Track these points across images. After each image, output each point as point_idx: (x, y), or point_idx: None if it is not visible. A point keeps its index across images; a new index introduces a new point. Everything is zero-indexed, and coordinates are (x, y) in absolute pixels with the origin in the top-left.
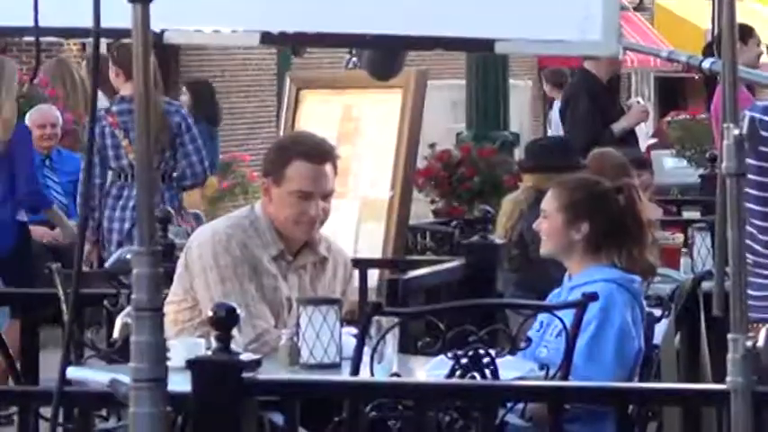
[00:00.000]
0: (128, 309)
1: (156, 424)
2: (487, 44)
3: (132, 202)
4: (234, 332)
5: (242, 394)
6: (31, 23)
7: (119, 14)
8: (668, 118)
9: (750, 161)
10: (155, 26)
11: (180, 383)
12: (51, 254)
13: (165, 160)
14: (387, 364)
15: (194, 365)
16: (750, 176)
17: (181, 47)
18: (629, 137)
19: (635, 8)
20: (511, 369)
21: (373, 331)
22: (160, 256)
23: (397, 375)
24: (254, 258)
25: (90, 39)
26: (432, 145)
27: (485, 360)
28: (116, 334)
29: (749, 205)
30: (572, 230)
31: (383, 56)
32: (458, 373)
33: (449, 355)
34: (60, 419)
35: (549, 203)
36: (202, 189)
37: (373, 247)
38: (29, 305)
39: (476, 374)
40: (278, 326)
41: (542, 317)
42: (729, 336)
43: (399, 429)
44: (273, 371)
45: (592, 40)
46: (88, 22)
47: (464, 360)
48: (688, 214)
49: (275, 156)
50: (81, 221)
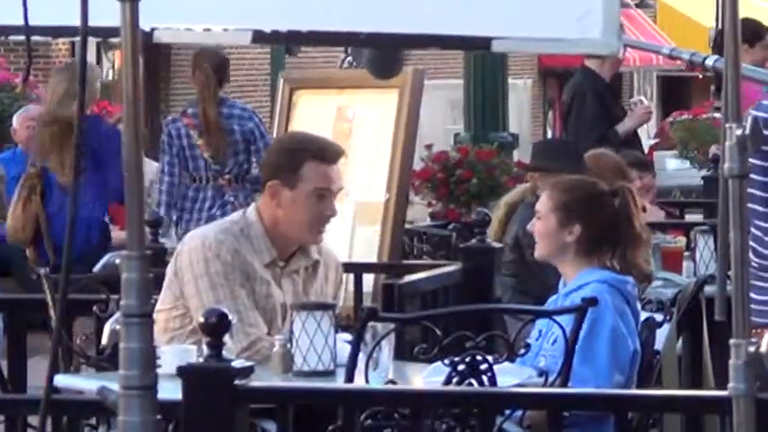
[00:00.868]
0: (116, 315)
1: None
2: (484, 42)
3: (208, 203)
4: (226, 339)
5: (234, 402)
6: (20, 22)
7: (107, 13)
8: (671, 118)
9: (754, 161)
10: (144, 25)
11: (170, 391)
12: None
13: (240, 163)
14: (382, 371)
15: (185, 372)
16: (754, 177)
17: (171, 46)
18: (632, 137)
19: (637, 5)
20: (509, 376)
21: (368, 337)
22: (150, 261)
23: (393, 382)
24: (245, 265)
25: (78, 38)
26: (428, 146)
27: (482, 367)
28: (105, 341)
29: (753, 206)
30: (564, 232)
31: (383, 54)
32: (455, 380)
33: (446, 362)
34: (49, 428)
35: (543, 204)
36: None
37: (369, 251)
38: (16, 311)
39: (473, 381)
40: (271, 333)
41: (541, 325)
42: (732, 341)
43: None
44: (266, 378)
45: (592, 39)
46: (76, 21)
47: (461, 367)
48: (690, 217)
49: (286, 159)
50: (69, 224)
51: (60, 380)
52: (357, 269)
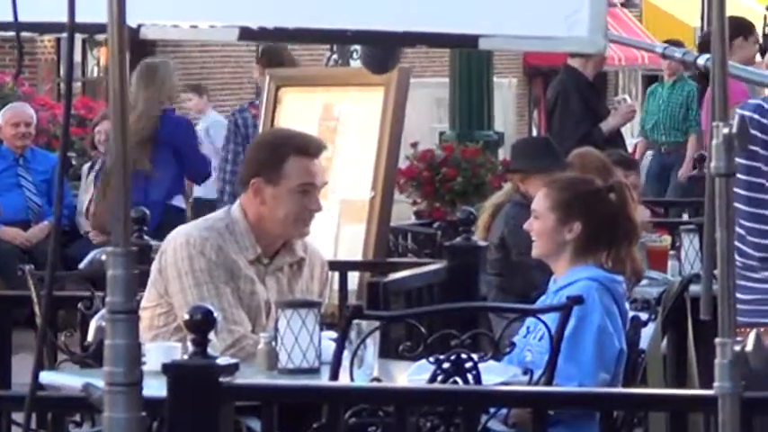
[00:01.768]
0: (102, 311)
1: (131, 429)
2: (471, 40)
3: None
4: (211, 336)
5: (219, 399)
6: (8, 19)
7: (94, 9)
8: None
9: (740, 160)
10: (131, 21)
11: (155, 388)
12: (25, 255)
13: None
14: (367, 369)
15: (170, 370)
16: (740, 176)
17: (157, 43)
18: (616, 136)
19: (623, 4)
20: (494, 374)
21: (353, 335)
22: (135, 258)
23: (378, 380)
24: (230, 262)
25: (65, 34)
26: (414, 144)
27: (467, 365)
28: (90, 337)
29: (738, 206)
30: (564, 230)
31: (381, 49)
32: (439, 378)
33: (430, 360)
34: (33, 425)
35: (541, 203)
36: None
37: (354, 249)
38: (1, 308)
39: (458, 379)
40: (256, 331)
41: (529, 322)
42: (717, 340)
43: None
44: (251, 375)
45: (578, 37)
46: (63, 17)
47: (446, 365)
48: (676, 216)
49: (268, 155)
50: (55, 221)
51: (45, 376)
52: (342, 267)
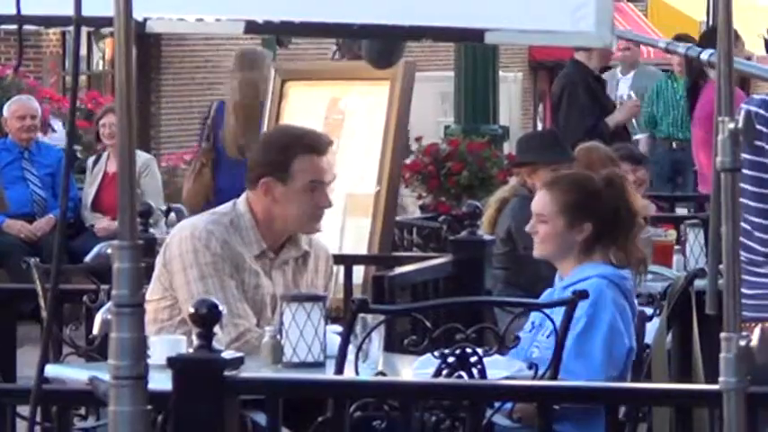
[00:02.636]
0: (107, 305)
1: (137, 422)
2: (477, 34)
3: None
4: (216, 330)
5: (224, 393)
6: (12, 11)
7: (100, 2)
8: None
9: (745, 156)
10: (137, 15)
11: (161, 381)
12: (30, 248)
13: None
14: (372, 363)
15: (175, 363)
16: (745, 172)
17: (163, 36)
18: (621, 130)
19: None
20: (499, 368)
21: (358, 329)
22: (141, 251)
23: (383, 374)
24: (235, 255)
25: (71, 27)
26: (419, 138)
27: (472, 359)
28: (95, 330)
29: (744, 201)
30: (573, 232)
31: (383, 43)
32: (444, 373)
33: (435, 354)
34: (38, 418)
35: (548, 207)
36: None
37: (359, 243)
38: (6, 301)
39: (463, 374)
40: (261, 324)
41: (534, 317)
42: (722, 335)
43: (384, 429)
44: (255, 369)
45: (584, 31)
46: (69, 11)
47: (451, 359)
48: (681, 211)
49: (276, 154)
50: (61, 214)
51: (50, 370)
52: (347, 261)
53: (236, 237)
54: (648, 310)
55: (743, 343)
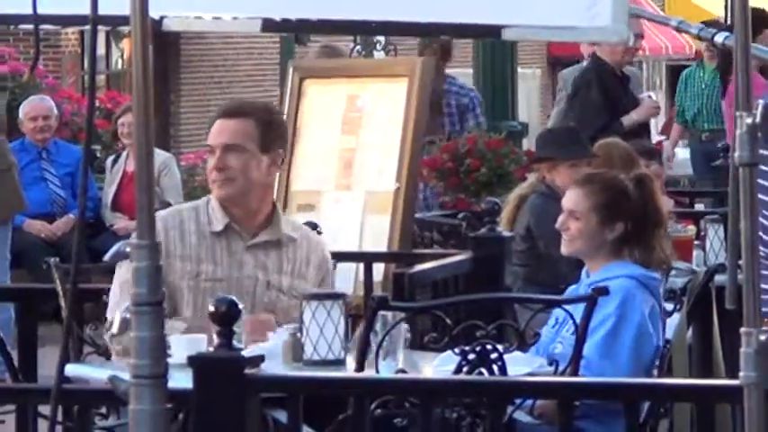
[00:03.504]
0: (127, 303)
1: (157, 421)
2: (495, 30)
3: None
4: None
5: (244, 391)
6: (29, 11)
7: (117, 1)
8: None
9: (764, 152)
10: (153, 13)
11: (181, 380)
12: (50, 248)
13: (454, 130)
14: (392, 360)
15: (195, 362)
16: (763, 167)
17: (181, 35)
18: (641, 130)
19: None
20: (519, 365)
21: (379, 326)
22: (160, 250)
23: (403, 371)
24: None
25: (88, 26)
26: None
27: (493, 356)
28: (115, 330)
29: (762, 197)
30: (605, 230)
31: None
32: (465, 369)
33: (456, 351)
34: (59, 417)
35: (581, 204)
36: None
37: (379, 241)
38: (27, 301)
39: (483, 370)
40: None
41: (558, 313)
42: (742, 330)
43: (405, 427)
44: (276, 367)
45: (601, 26)
46: (86, 10)
47: (471, 356)
48: (700, 206)
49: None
50: (80, 214)
51: (70, 369)
52: (367, 258)
53: (190, 223)
54: (669, 306)
55: (763, 338)
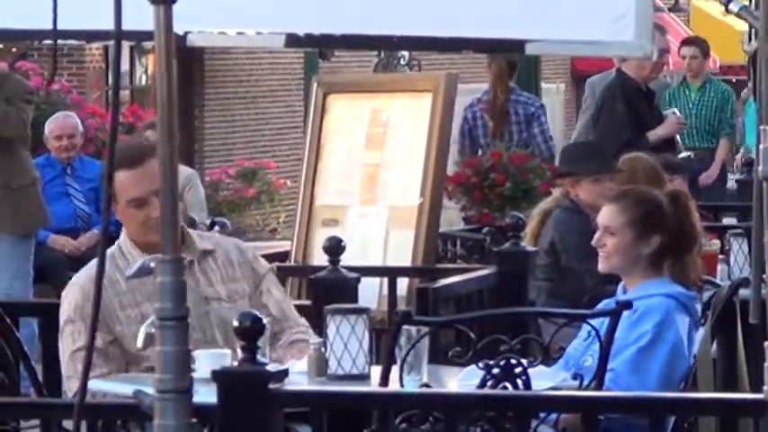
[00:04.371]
0: (151, 318)
1: None
2: (518, 45)
3: None
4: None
5: (268, 406)
6: (50, 27)
7: (141, 17)
8: None
9: None
10: (178, 28)
11: (205, 395)
12: (73, 263)
13: (522, 139)
14: (416, 375)
15: (220, 376)
16: None
17: (205, 50)
18: (666, 146)
19: (670, 9)
20: (543, 379)
21: (403, 341)
22: (184, 265)
23: (427, 386)
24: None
25: (111, 42)
26: (461, 150)
27: (517, 370)
28: (139, 344)
29: None
30: (641, 245)
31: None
32: (489, 384)
33: (480, 365)
34: None
35: (615, 219)
36: None
37: (402, 255)
38: (52, 315)
39: (508, 385)
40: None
41: (589, 327)
42: (766, 344)
43: None
44: (300, 382)
45: (624, 41)
46: (109, 25)
47: (496, 370)
48: (725, 220)
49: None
50: (103, 229)
51: (94, 384)
52: (391, 273)
53: (114, 274)
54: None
55: None
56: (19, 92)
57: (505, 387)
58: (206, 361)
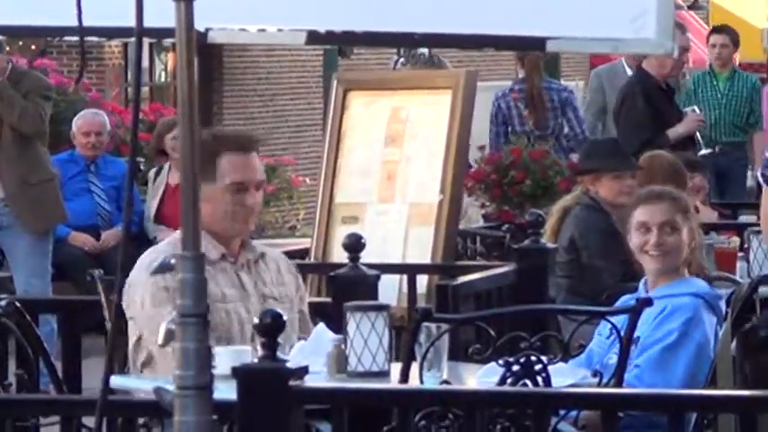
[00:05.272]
0: (172, 315)
1: None
2: (539, 42)
3: None
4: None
5: (289, 403)
6: (73, 23)
7: (161, 13)
8: None
9: None
10: (198, 25)
11: (226, 392)
12: (94, 261)
13: (559, 125)
14: (436, 372)
15: (240, 373)
16: None
17: (224, 47)
18: (687, 143)
19: (689, 7)
20: (563, 376)
21: (423, 338)
22: (204, 262)
23: (447, 383)
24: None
25: (132, 39)
26: (481, 147)
27: (537, 367)
28: (160, 341)
29: None
30: (691, 242)
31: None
32: (509, 381)
33: (500, 362)
34: (104, 429)
35: (675, 215)
36: None
37: (422, 253)
38: (71, 313)
39: (528, 382)
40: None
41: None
42: None
43: None
44: (320, 379)
45: (646, 39)
46: (130, 22)
47: (516, 367)
48: (744, 218)
49: (202, 153)
50: (124, 227)
51: (115, 381)
52: (411, 270)
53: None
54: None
55: None
56: (37, 88)
57: (525, 384)
58: (226, 358)
